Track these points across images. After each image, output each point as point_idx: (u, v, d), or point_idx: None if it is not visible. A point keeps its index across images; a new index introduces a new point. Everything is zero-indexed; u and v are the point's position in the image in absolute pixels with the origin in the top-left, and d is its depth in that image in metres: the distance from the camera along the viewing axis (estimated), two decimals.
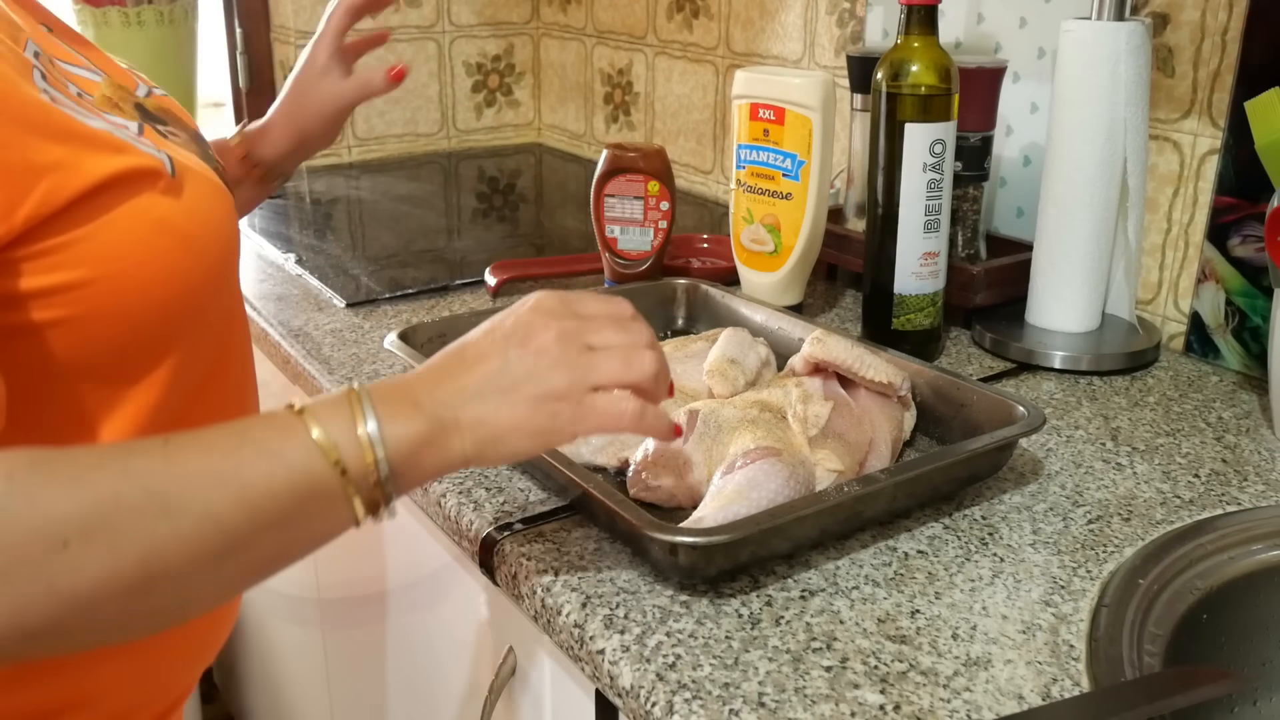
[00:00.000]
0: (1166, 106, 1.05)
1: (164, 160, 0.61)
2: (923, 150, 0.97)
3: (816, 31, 1.44)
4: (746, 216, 1.10)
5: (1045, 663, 0.62)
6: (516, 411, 0.56)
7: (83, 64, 0.66)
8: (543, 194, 1.78)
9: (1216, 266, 1.03)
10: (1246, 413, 0.94)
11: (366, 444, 0.53)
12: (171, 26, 1.63)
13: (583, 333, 0.59)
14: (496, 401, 0.56)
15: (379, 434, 0.53)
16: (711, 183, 1.68)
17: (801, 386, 0.82)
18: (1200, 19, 1.01)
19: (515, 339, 0.58)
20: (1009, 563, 0.72)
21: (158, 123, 0.67)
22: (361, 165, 1.85)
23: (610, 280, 1.19)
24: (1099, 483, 0.82)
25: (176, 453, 0.49)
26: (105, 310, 0.57)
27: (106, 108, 0.63)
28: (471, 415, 0.56)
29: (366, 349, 1.05)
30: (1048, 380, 1.00)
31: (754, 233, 1.10)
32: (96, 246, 0.56)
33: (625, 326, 0.61)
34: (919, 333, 1.03)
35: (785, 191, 1.06)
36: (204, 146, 0.73)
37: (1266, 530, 0.76)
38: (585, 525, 0.75)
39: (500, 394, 0.56)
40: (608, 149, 1.15)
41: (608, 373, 0.58)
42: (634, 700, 0.60)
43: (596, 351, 0.59)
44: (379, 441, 0.53)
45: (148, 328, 0.60)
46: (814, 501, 0.70)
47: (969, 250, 1.14)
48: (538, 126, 2.05)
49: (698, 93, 1.66)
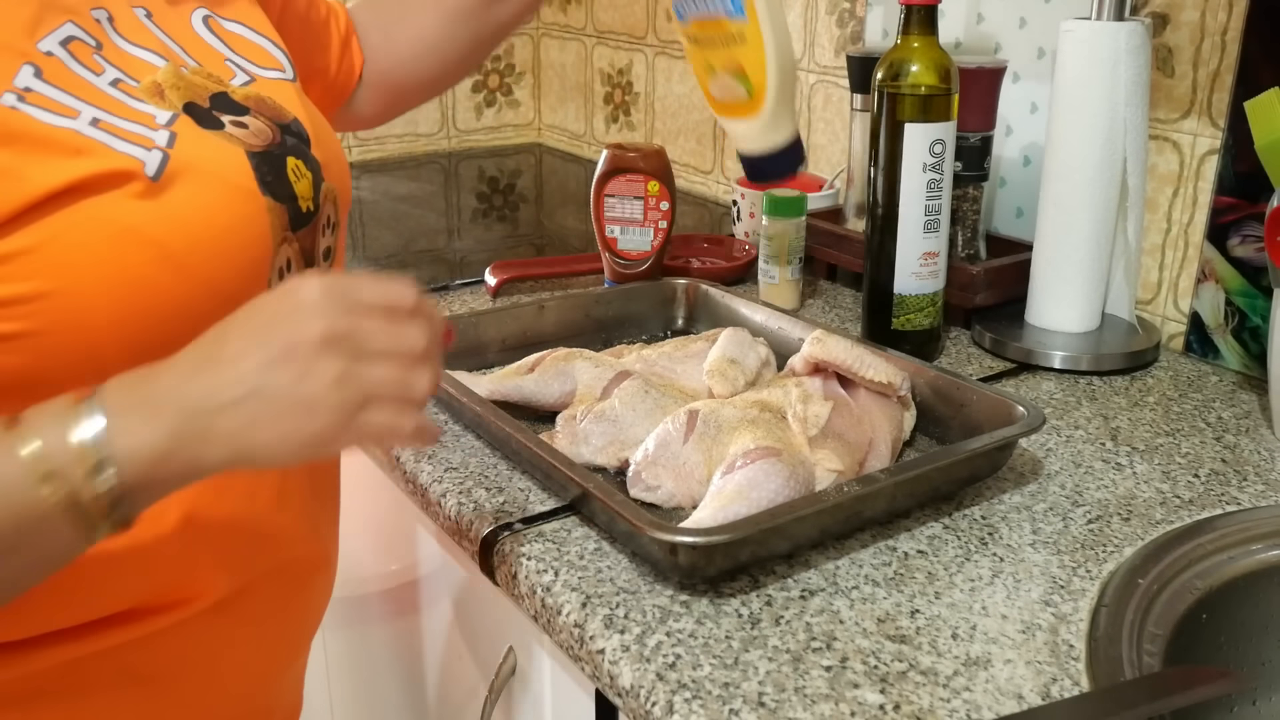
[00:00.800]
0: (1166, 106, 1.05)
1: (146, 161, 0.55)
2: (923, 150, 0.97)
3: (816, 31, 1.44)
4: (708, 69, 1.00)
5: (1045, 662, 0.62)
6: (279, 426, 0.50)
7: (155, 47, 0.61)
8: (543, 194, 1.78)
9: (1216, 266, 1.03)
10: (1246, 413, 0.94)
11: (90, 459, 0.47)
12: None
13: (354, 336, 0.52)
14: (254, 410, 0.50)
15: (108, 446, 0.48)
16: (711, 183, 1.68)
17: (801, 386, 0.82)
18: (1200, 19, 1.01)
19: (278, 338, 0.51)
20: (1009, 562, 0.72)
21: (229, 112, 0.61)
22: (361, 165, 1.85)
23: (610, 280, 1.19)
24: (1099, 483, 0.82)
25: None
26: (65, 325, 0.53)
27: (145, 96, 0.58)
28: (226, 425, 0.50)
29: None
30: (1047, 380, 1.00)
31: (722, 82, 0.99)
32: (49, 256, 0.52)
33: (401, 330, 0.54)
34: (919, 333, 1.03)
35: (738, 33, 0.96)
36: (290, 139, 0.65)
37: (1266, 530, 0.76)
38: (585, 525, 0.75)
39: (259, 402, 0.50)
40: (608, 149, 1.15)
41: (380, 395, 0.53)
42: (634, 700, 0.60)
43: (368, 364, 0.52)
44: (107, 457, 0.47)
45: (122, 346, 0.54)
46: (814, 501, 0.70)
47: (969, 250, 1.14)
48: (538, 126, 2.05)
49: (698, 93, 1.66)
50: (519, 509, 0.77)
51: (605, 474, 0.81)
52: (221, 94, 0.62)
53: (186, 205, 0.56)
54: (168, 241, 0.55)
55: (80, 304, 0.53)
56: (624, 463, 0.80)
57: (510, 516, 0.76)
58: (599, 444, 0.81)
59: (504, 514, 0.76)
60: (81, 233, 0.52)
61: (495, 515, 0.76)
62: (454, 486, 0.80)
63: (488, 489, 0.80)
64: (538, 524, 0.75)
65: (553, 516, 0.76)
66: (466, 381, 0.88)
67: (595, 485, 0.72)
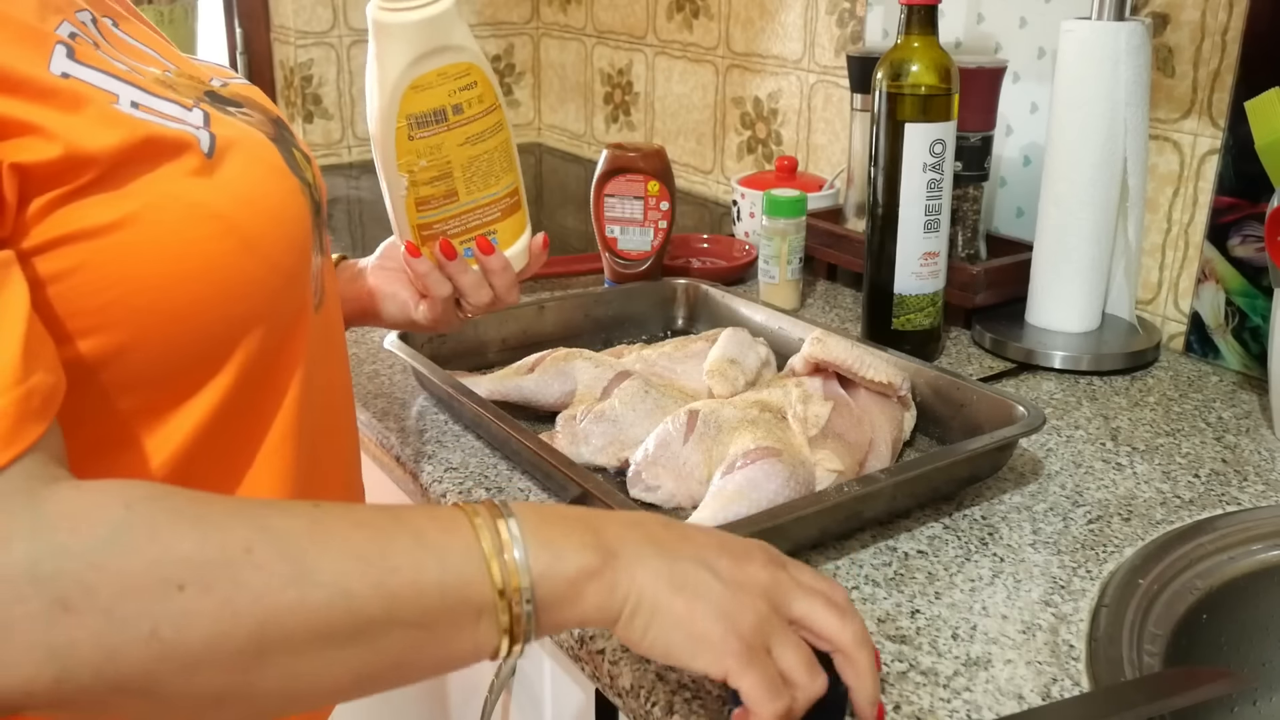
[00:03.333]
0: (1166, 106, 1.05)
1: (200, 138, 0.54)
2: (923, 150, 0.97)
3: (816, 31, 1.44)
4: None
5: (1045, 663, 0.62)
6: (693, 609, 0.48)
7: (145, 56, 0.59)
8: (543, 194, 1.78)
9: (1216, 266, 1.03)
10: (1246, 413, 0.94)
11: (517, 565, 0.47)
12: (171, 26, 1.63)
13: (794, 597, 0.51)
14: (680, 584, 0.49)
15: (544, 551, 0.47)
16: (711, 183, 1.68)
17: (801, 386, 0.82)
18: (1200, 19, 1.01)
19: (729, 551, 0.51)
20: (1009, 563, 0.72)
21: (229, 105, 0.60)
22: (361, 165, 1.85)
23: (610, 280, 1.19)
24: (1099, 483, 0.82)
25: (323, 520, 0.45)
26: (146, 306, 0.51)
27: (160, 88, 0.56)
28: (649, 575, 0.49)
29: (366, 349, 1.05)
30: (1048, 380, 1.00)
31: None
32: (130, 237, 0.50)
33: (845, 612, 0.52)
34: (919, 333, 1.03)
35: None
36: (284, 132, 0.64)
37: (1266, 530, 0.76)
38: None
39: (688, 582, 0.49)
40: (608, 149, 1.15)
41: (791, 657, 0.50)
42: (634, 700, 0.60)
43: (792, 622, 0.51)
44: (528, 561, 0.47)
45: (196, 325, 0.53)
46: (814, 501, 0.70)
47: (969, 250, 1.14)
48: (538, 126, 2.05)
49: (698, 93, 1.66)
50: None
51: (605, 474, 0.81)
52: (211, 92, 0.61)
53: (241, 180, 0.55)
54: (232, 216, 0.54)
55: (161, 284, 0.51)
56: (624, 463, 0.80)
57: None
58: (599, 444, 0.81)
59: None
60: (156, 212, 0.51)
61: None
62: (454, 486, 0.80)
63: (488, 489, 0.80)
64: None
65: None
66: (466, 381, 0.88)
67: (595, 485, 0.72)
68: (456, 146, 0.77)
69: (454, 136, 0.77)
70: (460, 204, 0.79)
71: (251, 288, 0.55)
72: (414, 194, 0.78)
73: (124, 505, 0.42)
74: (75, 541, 0.41)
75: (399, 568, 0.45)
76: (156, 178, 0.51)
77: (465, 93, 0.77)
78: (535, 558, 0.47)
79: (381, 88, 0.75)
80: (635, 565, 0.49)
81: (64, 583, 0.40)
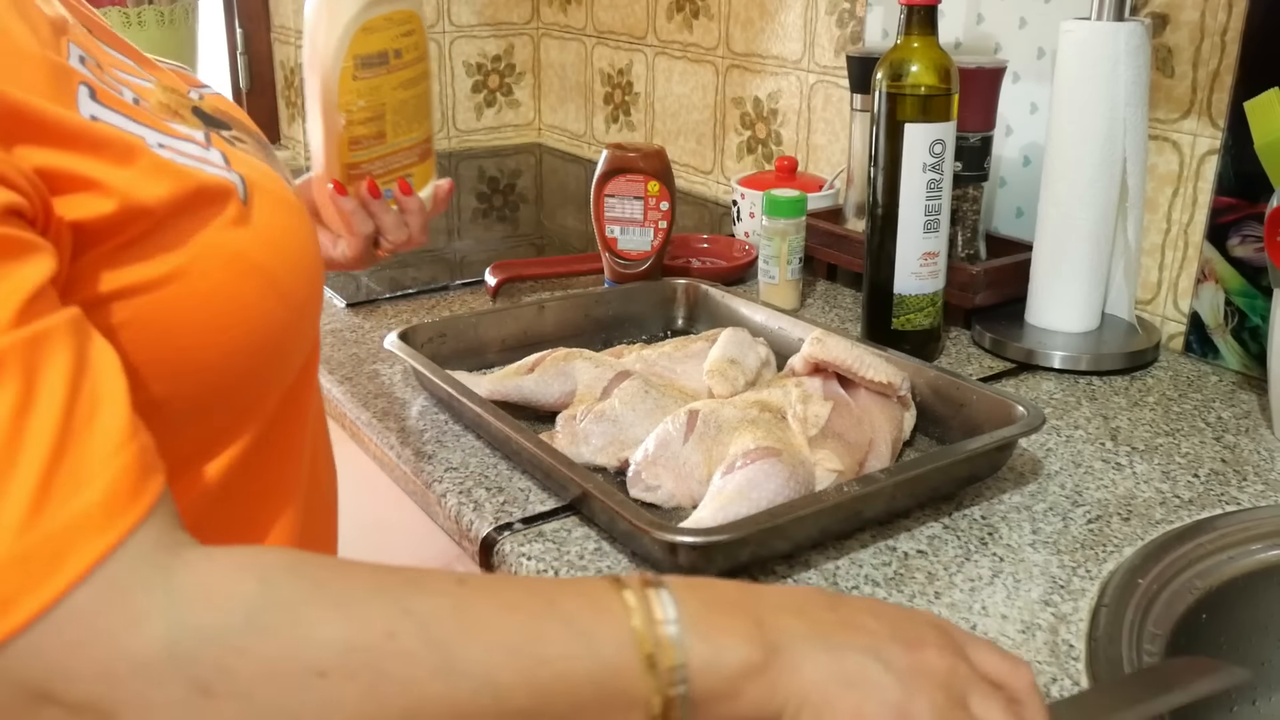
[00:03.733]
0: (1166, 106, 1.05)
1: (236, 184, 0.52)
2: (923, 150, 0.97)
3: (816, 31, 1.44)
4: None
5: (1045, 662, 0.62)
6: (863, 707, 0.46)
7: (130, 68, 0.57)
8: (543, 194, 1.78)
9: (1216, 266, 1.03)
10: (1246, 413, 0.94)
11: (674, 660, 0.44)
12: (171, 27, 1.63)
13: (972, 690, 0.48)
14: (850, 679, 0.46)
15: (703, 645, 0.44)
16: (711, 183, 1.68)
17: (801, 386, 0.82)
18: (1200, 19, 1.01)
19: (901, 634, 0.48)
20: (1009, 562, 0.72)
21: (220, 128, 0.58)
22: None
23: (610, 280, 1.19)
24: (1098, 482, 0.82)
25: (470, 602, 0.43)
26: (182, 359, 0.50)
27: (167, 115, 0.54)
28: (816, 671, 0.46)
29: (367, 349, 1.05)
30: (1047, 380, 1.00)
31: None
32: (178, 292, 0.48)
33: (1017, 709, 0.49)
34: (919, 333, 1.03)
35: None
36: (270, 153, 0.63)
37: (1266, 530, 0.76)
38: (585, 525, 0.75)
39: (858, 677, 0.46)
40: (608, 149, 1.15)
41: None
42: None
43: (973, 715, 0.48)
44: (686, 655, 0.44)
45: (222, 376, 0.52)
46: (814, 501, 0.70)
47: (969, 250, 1.14)
48: (538, 126, 2.05)
49: (698, 93, 1.66)
50: (519, 509, 0.77)
51: (605, 474, 0.81)
52: (199, 110, 0.59)
53: (271, 227, 0.53)
54: (269, 265, 0.52)
55: (205, 338, 0.50)
56: (624, 463, 0.80)
57: (510, 516, 0.76)
58: (599, 444, 0.81)
59: (504, 514, 0.76)
60: (204, 263, 0.49)
61: (495, 515, 0.76)
62: (454, 486, 0.80)
63: (488, 489, 0.80)
64: (538, 524, 0.75)
65: (553, 516, 0.76)
66: (466, 381, 0.88)
67: (595, 485, 0.72)
68: (391, 90, 0.81)
69: (391, 80, 0.80)
70: (387, 145, 0.83)
71: (284, 335, 0.54)
72: (349, 133, 0.81)
73: (259, 580, 0.40)
74: (213, 621, 0.39)
75: (549, 659, 0.43)
76: (203, 228, 0.50)
77: (405, 39, 0.80)
78: (694, 651, 0.44)
79: (332, 26, 0.77)
80: (801, 661, 0.46)
81: (204, 667, 0.38)
